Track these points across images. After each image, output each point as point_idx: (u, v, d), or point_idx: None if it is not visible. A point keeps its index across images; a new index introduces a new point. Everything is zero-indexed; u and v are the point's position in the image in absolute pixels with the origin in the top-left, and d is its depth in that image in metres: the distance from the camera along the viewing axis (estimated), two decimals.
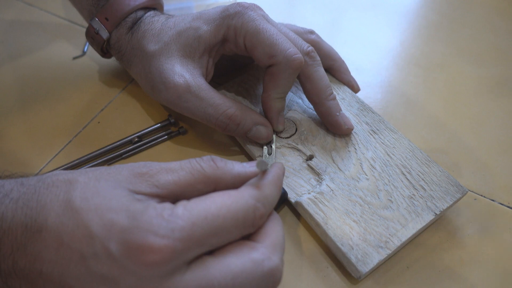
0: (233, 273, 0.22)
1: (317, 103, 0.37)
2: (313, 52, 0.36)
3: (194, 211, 0.22)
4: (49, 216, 0.22)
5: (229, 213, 0.23)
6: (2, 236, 0.22)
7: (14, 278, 0.22)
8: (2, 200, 0.23)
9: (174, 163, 0.26)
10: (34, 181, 0.24)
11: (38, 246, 0.22)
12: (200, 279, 0.22)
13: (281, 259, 0.24)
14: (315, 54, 0.37)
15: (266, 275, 0.23)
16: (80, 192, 0.23)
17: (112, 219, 0.22)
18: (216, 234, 0.23)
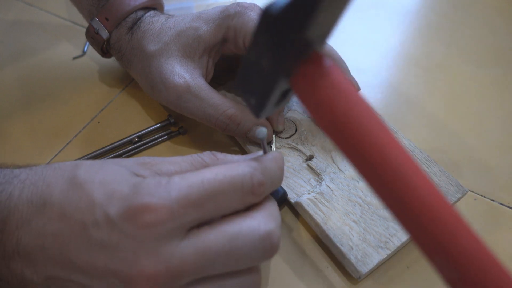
0: (230, 237, 0.23)
1: None
2: None
3: (191, 177, 0.23)
4: (54, 192, 0.23)
5: (226, 178, 0.23)
6: (8, 213, 0.22)
7: (17, 259, 0.22)
8: (11, 181, 0.23)
9: (176, 157, 0.27)
10: (41, 166, 0.25)
11: (42, 220, 0.22)
12: (197, 245, 0.22)
13: (277, 226, 0.24)
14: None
15: (263, 237, 0.23)
16: (84, 170, 0.24)
17: (114, 189, 0.22)
18: (212, 197, 0.23)
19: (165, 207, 0.21)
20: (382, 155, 0.18)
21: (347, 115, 0.18)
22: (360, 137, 0.18)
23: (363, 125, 0.18)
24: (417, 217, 0.18)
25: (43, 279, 0.23)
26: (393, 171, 0.18)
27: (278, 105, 0.22)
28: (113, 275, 0.21)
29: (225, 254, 0.23)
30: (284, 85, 0.20)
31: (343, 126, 0.18)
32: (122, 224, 0.21)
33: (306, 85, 0.19)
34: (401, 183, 0.18)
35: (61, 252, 0.22)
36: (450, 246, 0.18)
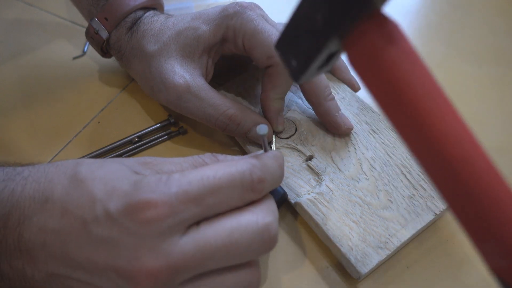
0: (228, 230, 0.23)
1: (315, 104, 0.37)
2: None
3: (191, 174, 0.23)
4: (56, 188, 0.23)
5: (225, 174, 0.23)
6: (10, 210, 0.22)
7: (18, 255, 0.22)
8: (13, 178, 0.24)
9: (177, 158, 0.27)
10: (44, 164, 0.25)
11: (43, 216, 0.22)
12: (197, 240, 0.22)
13: (275, 220, 0.25)
14: None
15: (261, 230, 0.23)
16: (86, 167, 0.24)
17: (115, 186, 0.23)
18: (212, 194, 0.23)
19: (166, 203, 0.22)
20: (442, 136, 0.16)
21: (411, 87, 0.16)
22: (420, 115, 0.16)
23: (425, 101, 0.16)
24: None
25: (44, 276, 0.23)
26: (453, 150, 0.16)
27: (321, 69, 0.20)
28: (113, 271, 0.22)
29: (225, 247, 0.23)
30: (334, 46, 0.18)
31: (405, 98, 0.16)
32: (123, 220, 0.21)
33: (363, 47, 0.17)
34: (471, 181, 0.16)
35: (62, 248, 0.22)
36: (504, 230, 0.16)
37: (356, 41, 0.17)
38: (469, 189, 0.16)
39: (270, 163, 0.26)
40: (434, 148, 0.16)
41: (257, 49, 0.35)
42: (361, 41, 0.17)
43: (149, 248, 0.21)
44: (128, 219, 0.21)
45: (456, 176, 0.16)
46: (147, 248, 0.21)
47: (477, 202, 0.16)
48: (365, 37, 0.17)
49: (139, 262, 0.21)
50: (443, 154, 0.16)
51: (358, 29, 0.17)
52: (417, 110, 0.16)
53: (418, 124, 0.16)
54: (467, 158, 0.16)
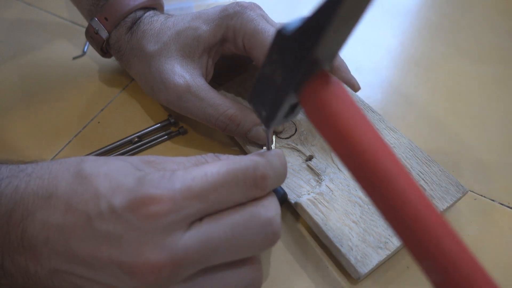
0: (231, 225, 0.23)
1: None
2: None
3: (194, 171, 0.23)
4: (59, 184, 0.23)
5: (228, 171, 0.24)
6: (14, 206, 0.22)
7: (21, 251, 0.22)
8: (17, 174, 0.24)
9: (180, 157, 0.27)
10: (47, 161, 0.25)
11: (47, 212, 0.22)
12: (200, 234, 0.22)
13: (278, 215, 0.25)
14: None
15: (264, 223, 0.24)
16: (90, 164, 0.24)
17: (119, 181, 0.23)
18: (216, 190, 0.23)
19: (169, 198, 0.22)
20: (379, 168, 0.19)
21: (349, 130, 0.20)
22: (361, 152, 0.19)
23: (364, 141, 0.20)
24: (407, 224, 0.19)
25: (47, 272, 0.23)
26: (388, 182, 0.19)
27: (287, 117, 0.23)
28: (117, 266, 0.22)
29: (228, 242, 0.23)
30: (293, 99, 0.22)
31: (346, 141, 0.20)
32: (127, 215, 0.21)
33: (312, 100, 0.20)
34: (394, 193, 0.19)
35: (66, 244, 0.22)
36: (435, 250, 0.19)
37: (307, 96, 0.20)
38: (402, 216, 0.19)
39: (273, 160, 0.26)
40: (365, 172, 0.20)
41: (257, 49, 0.35)
42: (309, 96, 0.20)
43: (153, 243, 0.21)
44: (132, 215, 0.21)
45: (390, 201, 0.19)
46: (151, 243, 0.21)
47: (409, 229, 0.19)
48: (312, 93, 0.20)
49: (143, 257, 0.21)
50: (375, 179, 0.19)
51: (308, 86, 0.20)
52: (355, 148, 0.20)
53: (357, 158, 0.20)
54: (393, 182, 0.19)
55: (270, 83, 0.22)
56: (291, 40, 0.19)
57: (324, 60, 0.20)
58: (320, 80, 0.20)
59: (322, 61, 0.20)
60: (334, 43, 0.20)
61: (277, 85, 0.21)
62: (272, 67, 0.21)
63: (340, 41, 0.20)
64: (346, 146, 0.20)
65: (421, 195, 0.19)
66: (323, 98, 0.20)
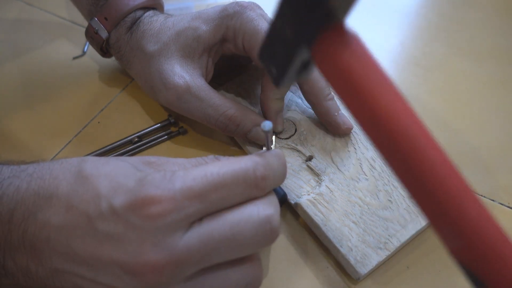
0: (231, 223, 0.23)
1: (315, 104, 0.37)
2: None
3: (195, 171, 0.23)
4: (60, 185, 0.23)
5: (229, 171, 0.24)
6: (15, 206, 0.23)
7: (22, 251, 0.23)
8: (18, 175, 0.24)
9: (180, 159, 0.27)
10: (48, 161, 0.25)
11: (48, 212, 0.22)
12: (201, 234, 0.23)
13: (276, 212, 0.25)
14: None
15: (263, 221, 0.24)
16: (90, 164, 0.24)
17: (120, 182, 0.23)
18: (216, 190, 0.23)
19: (170, 198, 0.22)
20: (395, 123, 0.18)
21: (365, 87, 0.18)
22: (376, 108, 0.18)
23: (380, 97, 0.18)
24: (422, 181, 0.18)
25: (48, 271, 0.23)
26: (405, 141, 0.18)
27: (299, 75, 0.22)
28: (118, 266, 0.22)
29: (228, 240, 0.23)
30: (305, 55, 0.20)
31: (361, 97, 0.18)
32: (128, 215, 0.22)
33: (326, 56, 0.19)
34: (412, 152, 0.18)
35: (66, 243, 0.22)
36: (456, 213, 0.18)
37: (320, 50, 0.19)
38: (422, 178, 0.18)
39: (273, 161, 0.26)
40: (387, 136, 0.18)
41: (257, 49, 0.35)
42: (324, 50, 0.19)
43: (154, 243, 0.22)
44: (133, 215, 0.21)
45: (407, 162, 0.18)
46: (152, 243, 0.22)
47: (431, 192, 0.18)
48: (327, 46, 0.18)
49: (144, 257, 0.21)
50: (393, 140, 0.18)
51: (321, 40, 0.18)
52: (371, 103, 0.18)
53: (373, 115, 0.18)
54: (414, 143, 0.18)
55: (281, 37, 0.20)
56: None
57: (340, 11, 0.18)
58: (335, 33, 0.18)
59: (337, 11, 0.18)
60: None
61: (288, 38, 0.20)
62: (283, 19, 0.20)
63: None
64: (362, 106, 0.19)
65: (442, 155, 0.18)
66: (338, 54, 0.18)
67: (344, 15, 0.19)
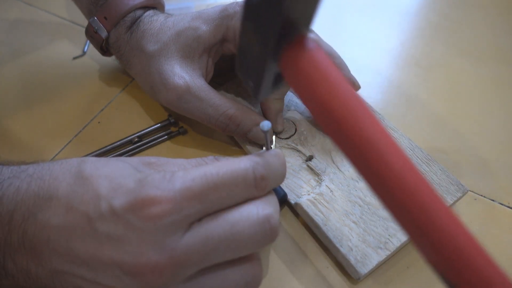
0: (231, 223, 0.23)
1: None
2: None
3: (194, 172, 0.23)
4: (60, 185, 0.23)
5: (228, 171, 0.24)
6: (15, 207, 0.23)
7: (22, 252, 0.22)
8: (18, 175, 0.24)
9: (180, 159, 0.27)
10: (48, 162, 0.25)
11: (48, 213, 0.22)
12: (200, 234, 0.23)
13: (275, 212, 0.25)
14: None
15: (262, 220, 0.24)
16: (90, 165, 0.24)
17: (120, 183, 0.23)
18: (215, 190, 0.23)
19: (170, 199, 0.22)
20: (360, 132, 0.18)
21: (328, 98, 0.19)
22: (341, 117, 0.19)
23: (343, 106, 0.19)
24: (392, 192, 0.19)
25: (48, 272, 0.23)
26: (372, 149, 0.18)
27: (275, 87, 0.23)
28: (117, 267, 0.22)
29: (227, 240, 0.23)
30: (275, 68, 0.21)
31: (324, 108, 0.19)
32: (128, 216, 0.22)
33: (290, 67, 0.20)
34: (378, 160, 0.18)
35: (66, 244, 0.22)
36: (429, 228, 0.18)
37: (285, 63, 0.20)
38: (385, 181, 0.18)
39: (272, 160, 0.26)
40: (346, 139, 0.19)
41: None
42: (286, 63, 0.20)
43: (154, 244, 0.22)
44: (133, 216, 0.21)
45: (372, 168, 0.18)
46: (152, 244, 0.22)
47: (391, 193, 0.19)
48: (289, 60, 0.19)
49: (144, 257, 0.21)
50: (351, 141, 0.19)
51: (286, 53, 0.19)
52: (328, 106, 0.19)
53: (335, 124, 0.19)
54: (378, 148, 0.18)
55: (250, 52, 0.21)
56: (259, 6, 0.18)
57: (300, 23, 0.19)
58: (296, 45, 0.19)
59: (295, 23, 0.19)
60: (305, 3, 0.19)
61: (256, 53, 0.21)
62: (248, 36, 0.20)
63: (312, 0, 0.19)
64: (325, 114, 0.19)
65: (405, 160, 0.18)
66: (299, 64, 0.19)
67: (305, 27, 0.20)
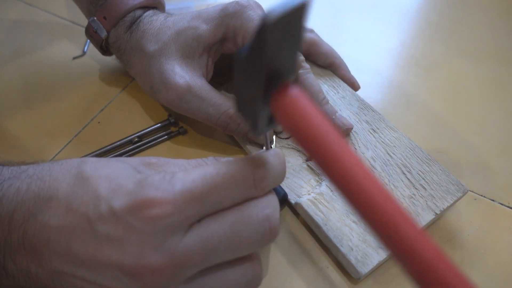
0: (230, 223, 0.23)
1: None
2: (303, 61, 0.37)
3: (194, 173, 0.23)
4: (60, 186, 0.23)
5: (227, 172, 0.24)
6: (15, 207, 0.23)
7: (22, 253, 0.22)
8: (18, 176, 0.24)
9: (181, 160, 0.27)
10: (48, 162, 0.25)
11: (48, 213, 0.22)
12: (201, 234, 0.23)
13: (275, 211, 0.25)
14: (305, 63, 0.37)
15: (262, 220, 0.24)
16: (90, 165, 0.24)
17: (120, 184, 0.23)
18: (215, 191, 0.23)
19: (170, 201, 0.22)
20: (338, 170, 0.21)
21: (309, 140, 0.21)
22: (319, 149, 0.21)
23: (322, 147, 0.21)
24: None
25: (47, 273, 0.23)
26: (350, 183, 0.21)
27: (270, 126, 0.25)
28: (117, 268, 0.22)
29: (227, 240, 0.23)
30: (267, 111, 0.23)
31: (307, 148, 0.22)
32: (127, 217, 0.21)
33: (277, 111, 0.22)
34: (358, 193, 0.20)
35: (66, 245, 0.22)
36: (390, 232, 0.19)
37: (274, 107, 0.22)
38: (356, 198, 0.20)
39: (272, 160, 0.26)
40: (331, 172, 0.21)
41: None
42: (276, 107, 0.22)
43: (154, 245, 0.21)
44: (133, 217, 0.21)
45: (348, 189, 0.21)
46: (152, 246, 0.21)
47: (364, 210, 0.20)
48: (276, 105, 0.22)
49: (144, 259, 0.21)
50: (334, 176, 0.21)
51: (274, 99, 0.22)
52: (309, 147, 0.22)
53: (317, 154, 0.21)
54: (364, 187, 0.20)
55: (245, 97, 0.23)
56: (246, 61, 0.21)
57: (282, 72, 0.22)
58: (281, 92, 0.22)
59: (281, 74, 0.22)
60: (285, 57, 0.21)
61: (249, 99, 0.23)
62: (241, 85, 0.23)
63: (290, 54, 0.22)
64: (309, 153, 0.22)
65: (371, 179, 0.20)
66: (284, 109, 0.22)
67: (288, 75, 0.22)
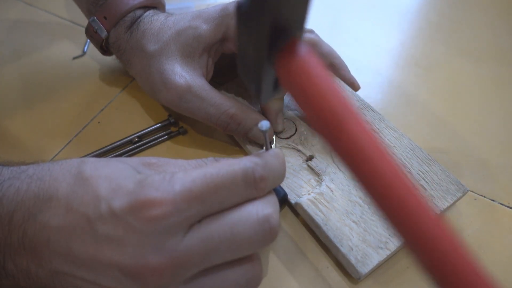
0: (231, 223, 0.23)
1: None
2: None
3: (194, 173, 0.23)
4: (60, 186, 0.23)
5: (227, 172, 0.24)
6: (15, 207, 0.23)
7: (22, 253, 0.22)
8: (18, 176, 0.24)
9: (181, 160, 0.27)
10: (48, 162, 0.25)
11: (48, 213, 0.22)
12: (201, 235, 0.23)
13: (275, 212, 0.25)
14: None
15: (262, 221, 0.24)
16: (90, 165, 0.24)
17: (120, 184, 0.23)
18: (215, 191, 0.23)
19: (170, 201, 0.22)
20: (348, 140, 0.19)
21: (317, 104, 0.19)
22: (330, 124, 0.19)
23: (332, 112, 0.19)
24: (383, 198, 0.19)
25: (47, 273, 0.23)
26: (360, 155, 0.19)
27: (276, 90, 0.23)
28: (117, 269, 0.22)
29: (227, 240, 0.23)
30: (272, 72, 0.22)
31: (314, 114, 0.20)
32: (127, 218, 0.21)
33: (283, 72, 0.20)
34: (368, 166, 0.19)
35: (66, 245, 0.22)
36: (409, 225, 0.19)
37: (280, 67, 0.20)
38: (370, 177, 0.20)
39: (272, 161, 0.26)
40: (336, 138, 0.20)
41: None
42: (280, 67, 0.20)
43: (154, 245, 0.21)
44: (133, 217, 0.21)
45: (361, 169, 0.20)
46: (152, 246, 0.21)
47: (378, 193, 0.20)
48: (282, 64, 0.20)
49: (144, 259, 0.21)
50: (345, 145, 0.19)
51: (280, 57, 0.20)
52: (317, 113, 0.20)
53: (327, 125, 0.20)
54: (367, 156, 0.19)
55: (247, 58, 0.22)
56: (249, 12, 0.19)
57: (290, 27, 0.19)
58: (289, 50, 0.20)
59: (287, 28, 0.19)
60: (291, 7, 0.19)
61: (253, 58, 0.21)
62: (244, 41, 0.21)
63: (298, 4, 0.19)
64: (315, 120, 0.20)
65: (392, 166, 0.19)
66: (291, 68, 0.20)
67: (296, 31, 0.20)
